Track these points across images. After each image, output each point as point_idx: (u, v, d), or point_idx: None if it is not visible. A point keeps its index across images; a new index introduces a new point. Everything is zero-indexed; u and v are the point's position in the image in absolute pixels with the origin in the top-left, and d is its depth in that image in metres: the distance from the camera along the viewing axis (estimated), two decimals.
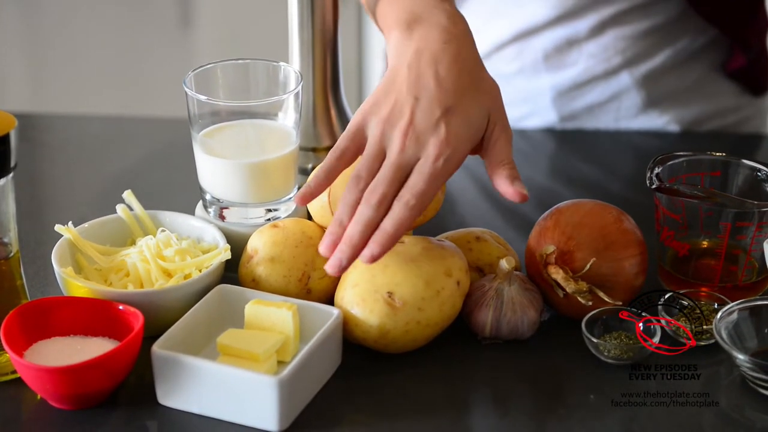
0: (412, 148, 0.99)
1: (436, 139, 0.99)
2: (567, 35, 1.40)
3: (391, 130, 1.00)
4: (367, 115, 1.01)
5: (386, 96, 1.02)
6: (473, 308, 1.04)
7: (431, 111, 1.00)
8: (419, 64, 1.02)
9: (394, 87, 1.02)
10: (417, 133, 0.99)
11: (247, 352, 0.98)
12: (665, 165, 1.11)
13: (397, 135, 1.00)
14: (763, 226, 1.07)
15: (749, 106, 1.48)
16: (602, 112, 1.44)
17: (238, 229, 1.11)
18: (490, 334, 1.04)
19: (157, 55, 2.60)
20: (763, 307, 1.03)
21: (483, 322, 1.04)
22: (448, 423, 0.98)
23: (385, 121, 1.00)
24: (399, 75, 1.02)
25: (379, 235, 0.97)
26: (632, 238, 1.06)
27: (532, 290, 1.05)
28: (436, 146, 0.99)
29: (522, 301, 1.04)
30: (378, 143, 1.00)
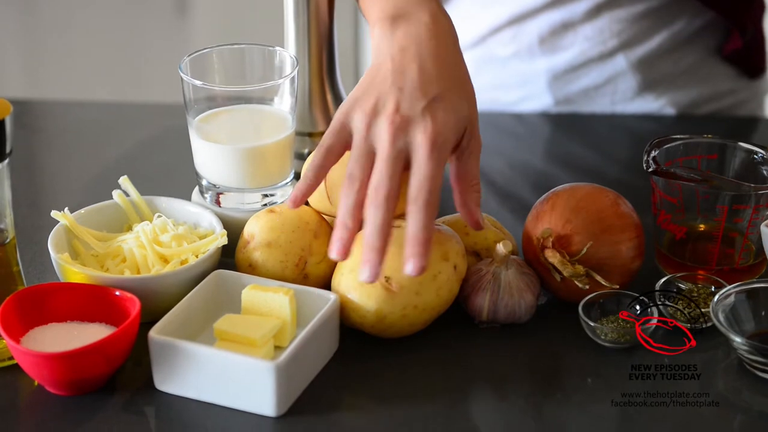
0: (402, 138, 0.97)
1: (424, 127, 0.97)
2: (562, 18, 1.40)
3: (377, 122, 0.98)
4: (349, 110, 1.00)
5: (368, 90, 1.00)
6: (470, 292, 1.04)
7: (416, 100, 0.98)
8: (402, 58, 1.00)
9: (377, 81, 1.00)
10: (404, 122, 0.97)
11: (244, 338, 0.97)
12: (662, 148, 1.11)
13: (384, 127, 0.98)
14: (759, 208, 1.07)
15: (745, 89, 1.48)
16: (598, 95, 1.44)
17: (234, 215, 1.11)
18: (487, 317, 1.04)
19: (154, 42, 2.60)
20: (760, 290, 1.03)
21: (480, 305, 1.04)
22: (445, 407, 0.98)
23: (370, 114, 0.98)
24: (381, 70, 1.00)
25: (415, 247, 0.95)
26: (629, 222, 1.06)
27: (529, 274, 1.05)
28: (427, 135, 0.97)
29: (519, 285, 1.04)
30: (364, 138, 0.98)
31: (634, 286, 1.07)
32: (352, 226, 0.96)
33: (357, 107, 1.00)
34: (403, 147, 0.97)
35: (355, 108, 1.00)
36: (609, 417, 0.98)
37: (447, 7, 1.24)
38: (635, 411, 0.97)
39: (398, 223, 1.04)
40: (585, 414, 0.97)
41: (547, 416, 0.97)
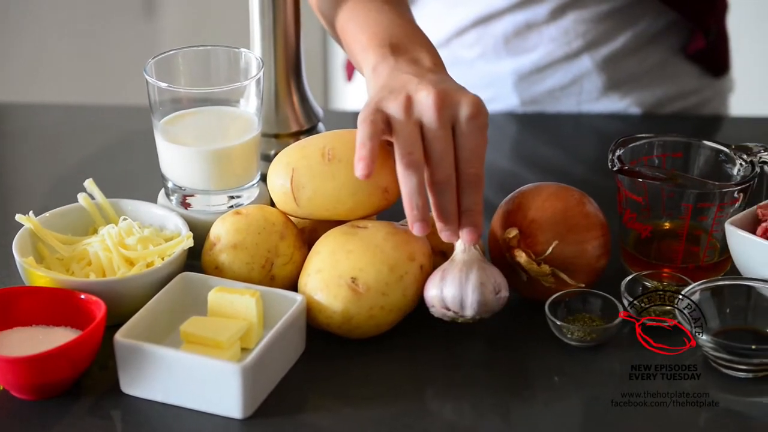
0: (447, 109, 0.99)
1: (466, 99, 1.00)
2: (527, 19, 1.40)
3: (418, 100, 0.99)
4: (379, 102, 1.00)
5: (392, 89, 1.01)
6: (429, 285, 1.03)
7: (449, 83, 1.01)
8: (416, 68, 1.03)
9: (396, 84, 1.01)
10: (445, 93, 0.99)
11: (211, 340, 0.97)
12: (627, 147, 1.11)
13: (428, 99, 0.99)
14: (724, 206, 1.08)
15: (710, 88, 1.49)
16: (564, 95, 1.44)
17: (200, 217, 1.11)
18: (437, 300, 1.02)
19: (121, 44, 2.59)
20: (724, 288, 1.04)
21: (430, 288, 1.02)
22: (412, 407, 0.98)
23: (405, 100, 0.99)
24: (397, 79, 1.02)
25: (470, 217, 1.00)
26: (595, 221, 1.07)
27: (490, 267, 1.04)
28: (469, 103, 0.99)
29: (471, 264, 1.02)
30: (408, 117, 0.99)
31: (600, 284, 1.07)
32: (423, 203, 0.98)
33: (387, 101, 1.00)
34: (448, 119, 0.99)
35: (384, 102, 1.00)
36: (575, 414, 0.98)
37: (412, 9, 1.25)
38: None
39: (364, 224, 1.05)
40: (551, 412, 0.98)
41: (513, 414, 0.97)
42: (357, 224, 1.05)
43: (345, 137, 1.06)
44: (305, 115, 1.23)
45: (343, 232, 1.04)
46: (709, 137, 1.15)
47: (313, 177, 1.04)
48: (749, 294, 1.04)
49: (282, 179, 1.05)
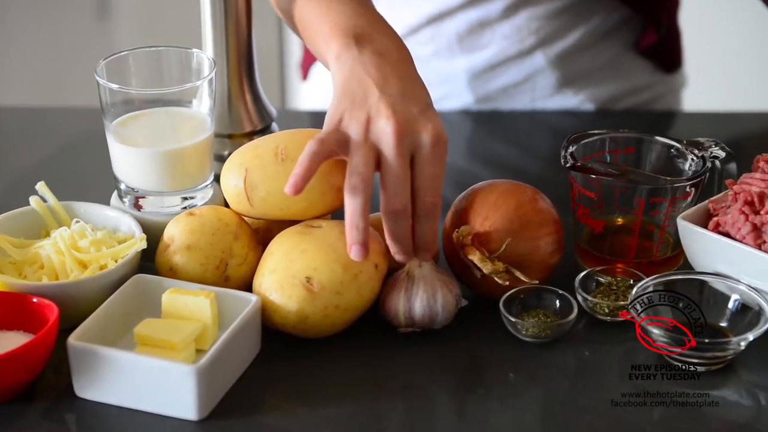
0: (407, 137, 0.99)
1: (426, 127, 1.00)
2: (479, 17, 1.41)
3: (377, 125, 0.99)
4: (339, 120, 1.00)
5: (354, 103, 1.00)
6: (386, 296, 1.04)
7: (410, 106, 1.00)
8: (381, 75, 1.02)
9: (358, 94, 1.01)
10: (406, 122, 0.99)
11: (165, 342, 0.97)
12: (579, 143, 1.12)
13: (388, 127, 0.98)
14: (676, 201, 1.08)
15: (662, 84, 1.50)
16: (518, 92, 1.45)
17: (154, 218, 1.10)
18: (404, 319, 1.03)
19: (74, 46, 2.57)
20: (677, 282, 1.05)
21: (395, 306, 1.03)
22: (368, 407, 0.98)
23: (365, 121, 0.99)
24: (362, 84, 1.01)
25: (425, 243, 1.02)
26: (547, 217, 1.07)
27: (445, 273, 1.05)
28: (431, 131, 1.00)
29: (434, 281, 1.03)
30: (366, 141, 0.99)
31: (555, 280, 1.08)
32: (364, 226, 0.98)
33: (348, 118, 1.00)
34: (408, 147, 0.99)
35: (345, 119, 1.00)
36: (530, 410, 0.99)
37: None
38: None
39: (318, 223, 1.04)
40: (507, 409, 0.98)
41: (469, 412, 0.98)
42: (311, 224, 1.05)
43: (298, 137, 1.06)
44: (258, 115, 1.23)
45: (297, 232, 1.04)
46: (661, 132, 1.16)
47: (267, 177, 1.04)
48: (702, 288, 1.04)
49: (235, 179, 1.05)
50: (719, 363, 1.00)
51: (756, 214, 1.02)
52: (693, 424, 0.96)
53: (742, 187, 1.05)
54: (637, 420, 0.97)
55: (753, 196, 1.03)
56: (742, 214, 1.03)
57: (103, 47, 2.53)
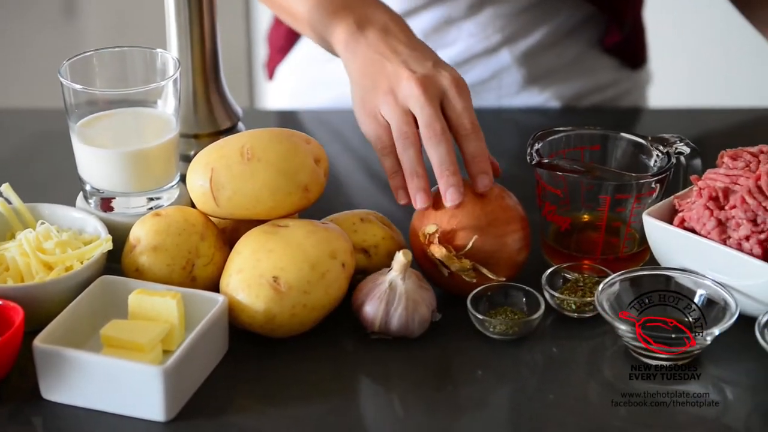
0: (431, 88, 1.06)
1: (445, 75, 1.07)
2: (445, 15, 1.41)
3: (400, 89, 1.06)
4: (367, 104, 1.08)
5: (374, 80, 1.08)
6: (364, 301, 1.03)
7: (423, 62, 1.08)
8: (387, 46, 1.09)
9: (374, 71, 1.08)
10: (425, 77, 1.06)
11: (132, 343, 0.97)
12: (545, 141, 1.12)
13: (410, 85, 1.06)
14: (641, 197, 1.09)
15: (627, 80, 1.50)
16: (484, 90, 1.45)
17: (120, 219, 1.10)
18: (379, 328, 1.03)
19: (41, 45, 2.56)
20: (643, 278, 1.05)
21: (373, 315, 1.03)
22: (337, 406, 0.98)
23: (388, 91, 1.07)
24: (372, 63, 1.09)
25: (479, 164, 1.06)
26: (514, 215, 1.07)
27: (426, 288, 1.05)
28: (452, 78, 1.07)
29: (415, 298, 1.03)
30: (397, 105, 1.06)
31: (522, 277, 1.08)
32: (422, 172, 1.06)
33: (375, 96, 1.08)
34: (434, 95, 1.06)
35: (373, 99, 1.08)
36: (499, 407, 0.99)
37: None
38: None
39: (285, 222, 1.04)
40: (476, 406, 0.98)
41: (437, 409, 0.98)
42: (278, 223, 1.05)
43: (264, 136, 1.06)
44: (224, 115, 1.22)
45: (263, 232, 1.04)
46: (627, 129, 1.16)
47: (233, 177, 1.04)
48: (668, 284, 1.05)
49: (201, 180, 1.05)
50: (686, 358, 1.01)
51: (720, 210, 1.03)
52: (660, 419, 0.97)
53: (706, 182, 1.05)
54: (604, 415, 0.97)
55: (717, 192, 1.03)
56: (707, 209, 1.03)
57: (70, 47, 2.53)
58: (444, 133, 1.05)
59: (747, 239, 1.01)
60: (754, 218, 1.01)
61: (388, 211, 1.15)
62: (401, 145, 1.06)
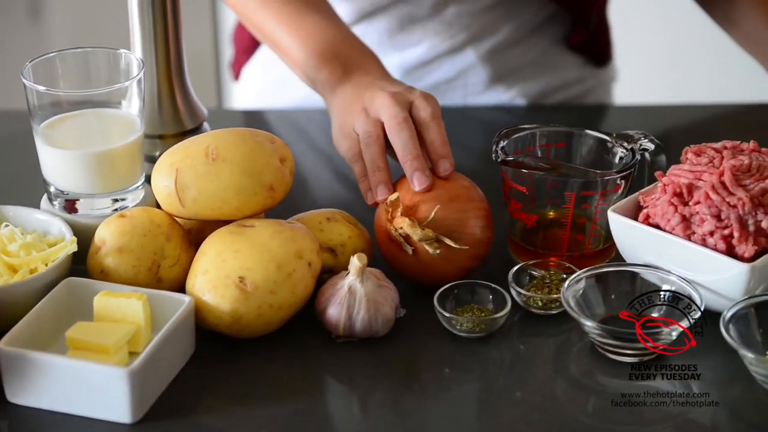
0: (400, 98, 1.11)
1: (415, 92, 1.13)
2: (410, 13, 1.41)
3: (374, 103, 1.11)
4: (345, 126, 1.14)
5: (351, 106, 1.14)
6: (326, 306, 1.03)
7: (397, 86, 1.15)
8: (370, 82, 1.16)
9: (353, 100, 1.14)
10: (399, 93, 1.12)
11: (97, 345, 0.96)
12: (511, 138, 1.13)
13: (383, 97, 1.11)
14: (606, 194, 1.09)
15: (593, 78, 1.51)
16: (450, 89, 1.45)
17: (85, 221, 1.09)
18: (343, 332, 1.03)
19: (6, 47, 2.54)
20: (609, 274, 1.05)
21: (336, 320, 1.03)
22: (304, 406, 0.98)
23: (363, 109, 1.12)
24: (353, 97, 1.15)
25: (438, 150, 1.10)
26: (474, 194, 1.09)
27: (386, 287, 1.05)
28: (418, 93, 1.13)
29: (376, 299, 1.03)
30: (368, 116, 1.12)
31: (488, 275, 1.08)
32: (383, 166, 1.09)
33: (349, 118, 1.13)
34: (403, 101, 1.11)
35: (348, 121, 1.13)
36: (466, 404, 0.99)
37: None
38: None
39: (251, 223, 1.04)
40: (443, 403, 0.98)
41: (405, 408, 0.98)
42: (243, 223, 1.04)
43: (228, 136, 1.06)
44: (189, 115, 1.22)
45: (229, 232, 1.03)
46: (593, 126, 1.17)
47: (197, 177, 1.04)
48: (633, 280, 1.05)
49: (166, 180, 1.04)
50: (652, 354, 1.01)
51: (685, 205, 1.03)
52: (627, 416, 0.97)
53: (670, 178, 1.06)
54: (571, 412, 0.97)
55: (682, 188, 1.04)
56: (671, 205, 1.04)
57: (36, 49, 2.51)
58: (406, 122, 1.09)
59: (711, 235, 1.02)
60: (718, 214, 1.01)
61: (354, 210, 1.15)
62: (364, 143, 1.10)
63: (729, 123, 1.45)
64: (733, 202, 1.01)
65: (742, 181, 1.02)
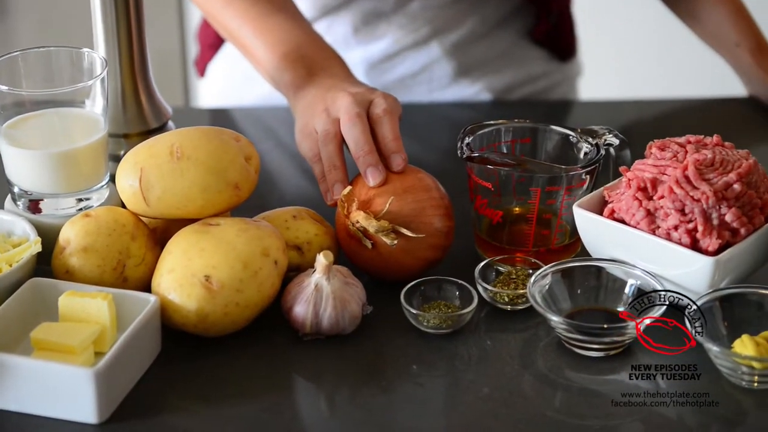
0: (360, 97, 1.12)
1: (376, 93, 1.14)
2: (374, 7, 1.41)
3: (335, 103, 1.12)
4: (306, 127, 1.14)
5: (313, 107, 1.15)
6: (293, 304, 1.03)
7: (359, 87, 1.16)
8: (334, 84, 1.17)
9: (316, 101, 1.15)
10: (357, 93, 1.13)
11: (63, 345, 0.96)
12: (476, 134, 1.13)
13: (342, 97, 1.12)
14: (571, 189, 1.09)
15: (558, 72, 1.51)
16: (415, 83, 1.45)
17: (49, 221, 1.09)
18: (310, 330, 1.03)
19: None
20: (574, 269, 1.06)
21: (303, 318, 1.03)
22: (271, 404, 0.98)
23: (324, 109, 1.13)
24: (315, 98, 1.15)
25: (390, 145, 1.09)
26: (432, 185, 1.08)
27: (353, 284, 1.05)
28: (379, 93, 1.14)
29: (343, 296, 1.03)
30: (329, 114, 1.12)
31: (455, 271, 1.08)
32: (340, 165, 1.10)
33: (311, 119, 1.14)
34: (362, 101, 1.12)
35: (310, 122, 1.14)
36: (433, 401, 0.99)
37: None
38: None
39: (216, 221, 1.04)
40: (410, 400, 0.98)
41: (371, 405, 0.98)
42: (209, 222, 1.04)
43: (193, 135, 1.05)
44: (154, 114, 1.21)
45: (194, 231, 1.03)
46: (557, 121, 1.17)
47: (162, 176, 1.03)
48: (599, 274, 1.06)
49: (130, 179, 1.04)
50: (617, 347, 1.01)
51: (649, 200, 1.04)
52: (593, 409, 0.97)
53: (635, 173, 1.06)
54: (538, 406, 0.98)
55: (646, 182, 1.04)
56: (636, 200, 1.04)
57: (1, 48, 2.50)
58: (359, 117, 1.10)
59: (675, 229, 1.02)
60: (682, 208, 1.02)
61: (320, 207, 1.14)
62: (322, 142, 1.12)
63: (693, 117, 1.46)
64: (696, 196, 1.01)
65: (705, 175, 1.02)
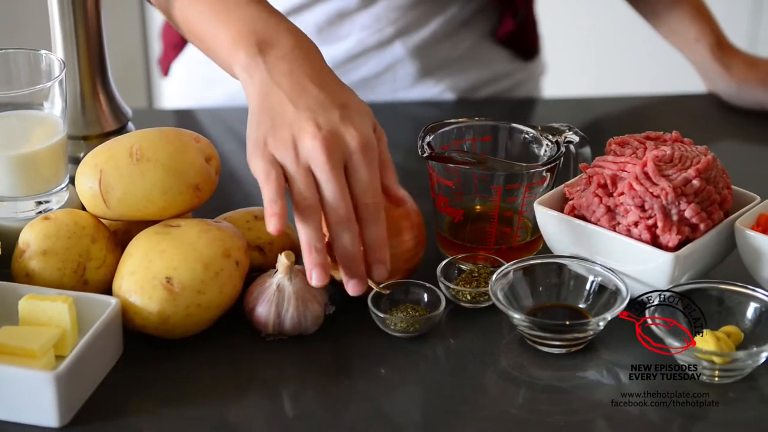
0: (336, 151, 0.98)
1: (351, 135, 0.99)
2: (338, 8, 1.41)
3: (304, 147, 0.98)
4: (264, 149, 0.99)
5: (274, 123, 1.00)
6: (255, 305, 1.03)
7: (330, 113, 1.00)
8: (292, 81, 1.01)
9: (277, 111, 1.00)
10: (332, 136, 0.98)
11: (23, 349, 0.95)
12: (437, 133, 1.13)
13: (315, 147, 0.98)
14: (532, 186, 1.10)
15: (521, 71, 1.52)
16: (379, 83, 1.45)
17: (8, 224, 1.08)
18: (273, 330, 1.03)
19: None
20: (536, 266, 1.06)
21: (265, 318, 1.03)
22: (234, 405, 0.97)
23: (292, 144, 0.99)
24: (274, 98, 1.01)
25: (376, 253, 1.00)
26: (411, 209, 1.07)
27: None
28: (357, 142, 0.99)
29: (305, 296, 1.03)
30: (298, 165, 0.98)
31: (420, 272, 1.08)
32: (322, 247, 0.98)
33: (273, 141, 0.99)
34: (339, 158, 0.99)
35: (270, 143, 0.99)
36: (399, 403, 0.99)
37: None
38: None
39: (177, 222, 1.04)
40: (376, 403, 0.98)
41: (335, 407, 0.97)
42: (170, 223, 1.04)
43: (153, 136, 1.05)
44: (113, 116, 1.21)
45: (155, 232, 1.03)
46: (520, 119, 1.17)
47: (122, 178, 1.03)
48: (560, 271, 1.06)
49: (90, 181, 1.03)
50: (579, 344, 1.02)
51: (609, 197, 1.04)
52: (556, 406, 0.98)
53: (595, 170, 1.06)
54: (502, 404, 0.98)
55: (606, 179, 1.05)
56: (596, 196, 1.04)
57: None
58: (349, 221, 0.99)
59: (635, 225, 1.02)
60: (641, 204, 1.02)
61: None
62: (302, 215, 0.99)
63: (652, 114, 1.46)
64: (656, 192, 1.02)
65: (664, 172, 1.03)
